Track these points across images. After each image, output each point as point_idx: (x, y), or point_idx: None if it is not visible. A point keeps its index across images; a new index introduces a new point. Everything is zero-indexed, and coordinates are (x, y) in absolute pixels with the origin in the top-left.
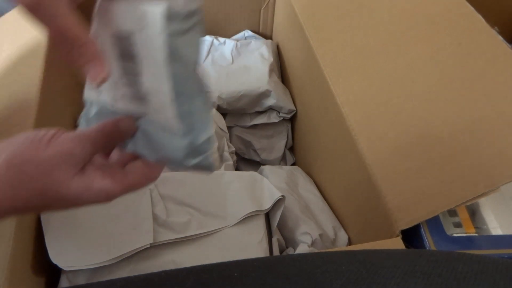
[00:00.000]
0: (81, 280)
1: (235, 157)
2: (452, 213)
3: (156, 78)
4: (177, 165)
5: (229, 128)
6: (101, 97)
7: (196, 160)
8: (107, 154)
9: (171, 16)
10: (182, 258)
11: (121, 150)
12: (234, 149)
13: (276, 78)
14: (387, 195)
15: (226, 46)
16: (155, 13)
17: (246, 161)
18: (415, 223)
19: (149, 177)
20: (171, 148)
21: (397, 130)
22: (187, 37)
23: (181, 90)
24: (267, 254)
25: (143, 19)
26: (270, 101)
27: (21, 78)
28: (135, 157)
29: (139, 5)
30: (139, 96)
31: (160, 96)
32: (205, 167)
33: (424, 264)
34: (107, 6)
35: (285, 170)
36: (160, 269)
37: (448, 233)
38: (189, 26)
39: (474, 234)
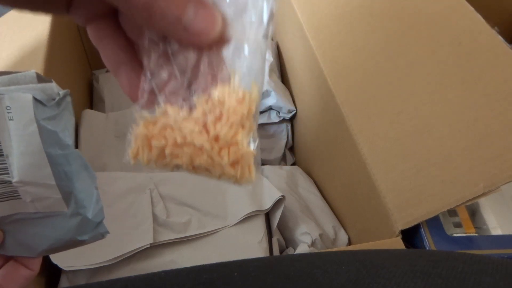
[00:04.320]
0: (81, 280)
1: None
2: (452, 213)
3: (33, 166)
4: (69, 245)
5: None
6: None
7: (92, 233)
8: None
9: (40, 102)
10: (182, 258)
11: None
12: None
13: (276, 78)
14: (387, 195)
15: None
16: (26, 100)
17: None
18: (415, 223)
19: (28, 276)
20: (58, 232)
21: (397, 130)
22: (59, 121)
23: (63, 172)
24: (267, 254)
25: (11, 109)
26: (270, 101)
27: None
28: (5, 259)
29: None
30: (8, 193)
31: (41, 183)
32: (101, 236)
33: (424, 264)
34: None
35: (285, 170)
36: (160, 269)
37: (448, 233)
38: (59, 110)
39: (474, 234)
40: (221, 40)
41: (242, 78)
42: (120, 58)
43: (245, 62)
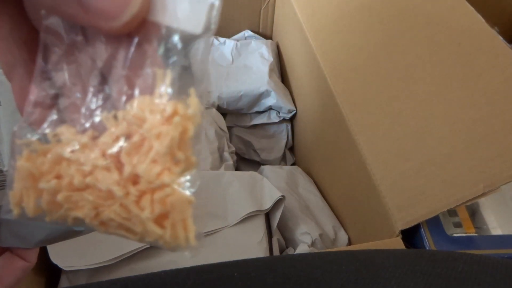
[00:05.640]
0: (81, 280)
1: (235, 157)
2: (452, 213)
3: None
4: (65, 235)
5: (229, 128)
6: None
7: None
8: None
9: None
10: (182, 258)
11: None
12: (234, 149)
13: (276, 78)
14: (387, 195)
15: (226, 46)
16: None
17: (246, 161)
18: (415, 223)
19: (25, 268)
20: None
21: (397, 130)
22: None
23: None
24: (267, 254)
25: None
26: (270, 101)
27: None
28: (0, 250)
29: None
30: (0, 182)
31: None
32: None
33: (424, 264)
34: None
35: (285, 170)
36: (160, 269)
37: (448, 233)
38: None
39: (474, 234)
40: (144, 25)
41: (172, 83)
42: (15, 58)
43: (179, 60)
